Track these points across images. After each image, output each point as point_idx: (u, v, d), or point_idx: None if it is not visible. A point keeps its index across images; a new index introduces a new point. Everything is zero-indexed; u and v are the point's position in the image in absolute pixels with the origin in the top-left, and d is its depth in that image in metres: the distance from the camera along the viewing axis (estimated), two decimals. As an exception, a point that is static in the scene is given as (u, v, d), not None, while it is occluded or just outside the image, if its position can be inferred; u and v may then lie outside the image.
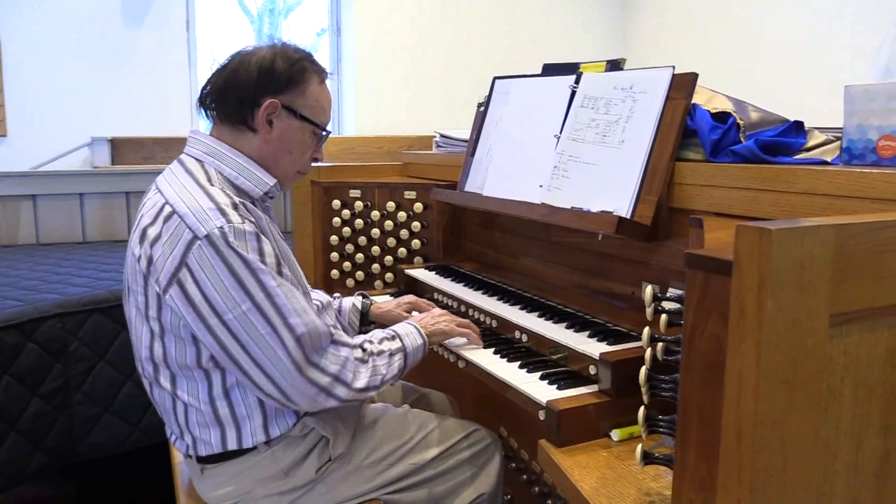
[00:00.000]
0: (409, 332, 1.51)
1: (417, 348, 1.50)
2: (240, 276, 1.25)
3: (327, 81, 1.50)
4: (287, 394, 1.30)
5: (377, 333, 1.49)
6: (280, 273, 1.30)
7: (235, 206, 1.30)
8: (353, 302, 1.80)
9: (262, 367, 1.28)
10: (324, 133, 1.50)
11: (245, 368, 1.29)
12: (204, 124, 1.48)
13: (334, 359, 1.34)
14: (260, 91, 1.40)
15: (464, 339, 1.60)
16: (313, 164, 1.57)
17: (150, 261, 1.29)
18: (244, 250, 1.26)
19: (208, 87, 1.44)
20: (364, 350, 1.41)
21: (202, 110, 1.46)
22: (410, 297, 1.83)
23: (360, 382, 1.36)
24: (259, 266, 1.27)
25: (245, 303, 1.25)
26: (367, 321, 1.80)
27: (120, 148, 3.94)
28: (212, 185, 1.34)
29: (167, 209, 1.30)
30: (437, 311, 1.67)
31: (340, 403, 1.36)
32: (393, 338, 1.48)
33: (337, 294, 1.86)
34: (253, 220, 1.31)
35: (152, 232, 1.30)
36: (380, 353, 1.43)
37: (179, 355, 1.33)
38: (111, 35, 3.99)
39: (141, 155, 3.98)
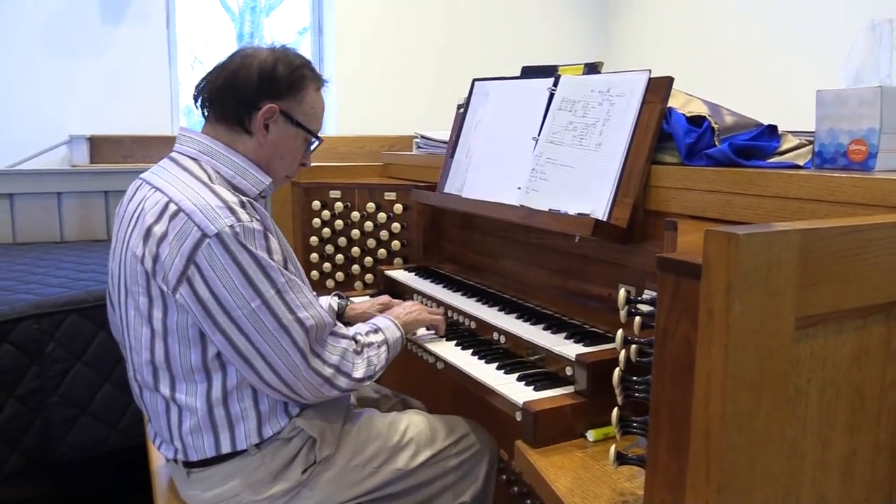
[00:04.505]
0: (388, 325, 1.55)
1: (397, 340, 1.54)
2: (249, 273, 1.26)
3: (322, 90, 1.51)
4: (292, 386, 1.33)
5: (362, 327, 1.53)
6: (286, 269, 1.32)
7: (243, 205, 1.31)
8: (329, 302, 1.82)
9: (270, 362, 1.30)
10: (315, 141, 1.51)
11: (252, 363, 1.30)
12: (186, 123, 1.48)
13: (334, 349, 1.37)
14: (260, 94, 1.41)
15: (433, 332, 1.65)
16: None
17: (155, 259, 1.29)
18: (254, 248, 1.27)
19: (205, 84, 1.44)
20: (357, 342, 1.44)
21: (197, 107, 1.46)
22: (385, 298, 1.85)
23: (359, 373, 1.40)
24: (269, 263, 1.28)
25: (255, 300, 1.27)
26: (342, 322, 1.80)
27: (99, 146, 3.91)
28: (213, 183, 1.35)
29: (172, 207, 1.29)
30: (408, 303, 1.70)
31: (341, 393, 1.40)
32: (376, 331, 1.52)
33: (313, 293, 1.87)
34: (259, 217, 1.32)
35: (158, 230, 1.29)
36: (369, 344, 1.47)
37: (184, 356, 1.33)
38: (89, 32, 3.95)
39: (120, 153, 3.94)
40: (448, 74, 4.74)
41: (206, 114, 1.46)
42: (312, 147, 1.53)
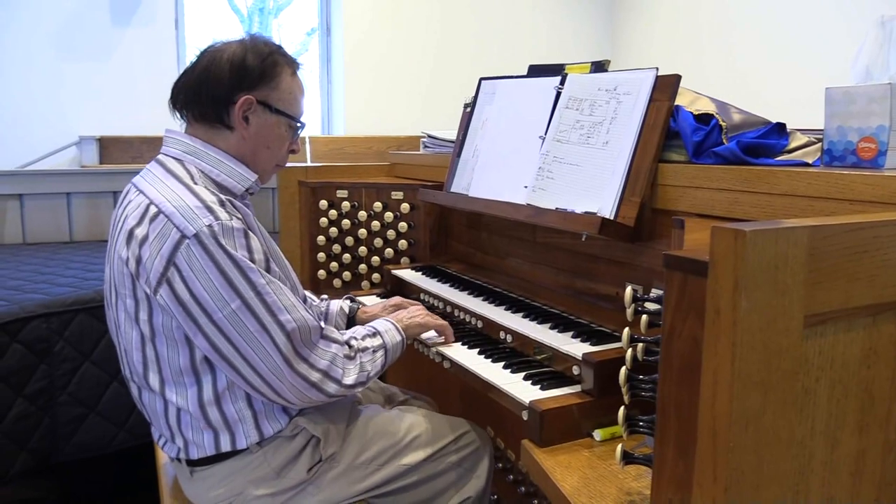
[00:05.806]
0: (388, 329, 1.53)
1: (396, 345, 1.52)
2: (228, 274, 1.25)
3: (299, 72, 1.50)
4: (277, 389, 1.31)
5: (359, 330, 1.51)
6: (268, 269, 1.31)
7: (222, 204, 1.30)
8: (340, 305, 1.81)
9: (252, 364, 1.29)
10: (299, 125, 1.50)
11: (235, 366, 1.29)
12: (187, 123, 1.47)
13: (323, 354, 1.35)
14: (233, 88, 1.39)
15: (436, 333, 1.62)
16: (299, 164, 1.57)
17: (138, 261, 1.28)
18: (233, 248, 1.26)
19: (179, 86, 1.43)
20: (350, 346, 1.42)
21: (174, 110, 1.45)
22: (397, 299, 1.84)
23: (350, 379, 1.38)
24: (248, 264, 1.27)
25: (234, 301, 1.26)
26: (353, 325, 1.80)
27: (108, 147, 3.93)
28: (195, 183, 1.34)
29: (152, 209, 1.29)
30: (414, 307, 1.69)
31: (329, 399, 1.37)
32: (374, 335, 1.50)
33: (325, 296, 1.86)
34: (240, 216, 1.31)
35: (139, 233, 1.29)
36: (364, 349, 1.45)
37: (172, 358, 1.33)
38: (99, 33, 3.97)
39: (129, 154, 3.96)
40: (456, 74, 4.74)
41: (184, 116, 1.44)
42: (299, 131, 1.52)
